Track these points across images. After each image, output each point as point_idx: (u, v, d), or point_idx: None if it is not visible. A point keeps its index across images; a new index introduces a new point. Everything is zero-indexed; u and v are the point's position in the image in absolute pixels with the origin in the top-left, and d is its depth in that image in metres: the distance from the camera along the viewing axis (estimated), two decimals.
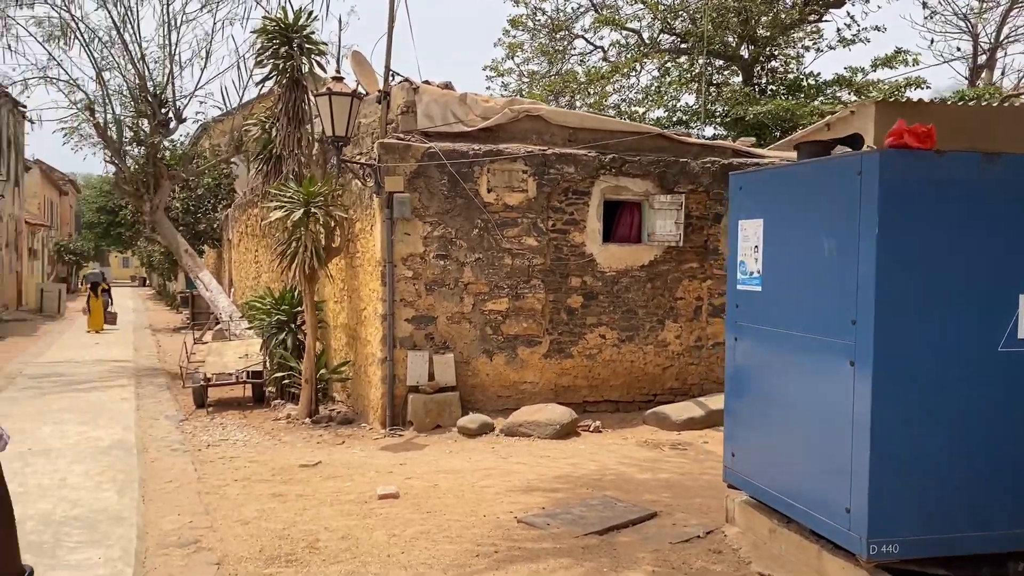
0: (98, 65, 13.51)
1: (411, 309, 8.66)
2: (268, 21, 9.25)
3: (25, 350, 16.75)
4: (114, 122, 13.81)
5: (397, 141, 8.59)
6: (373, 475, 6.88)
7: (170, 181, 14.09)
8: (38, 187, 35.52)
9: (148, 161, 13.68)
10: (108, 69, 13.61)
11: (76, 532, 5.28)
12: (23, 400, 10.67)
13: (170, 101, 13.84)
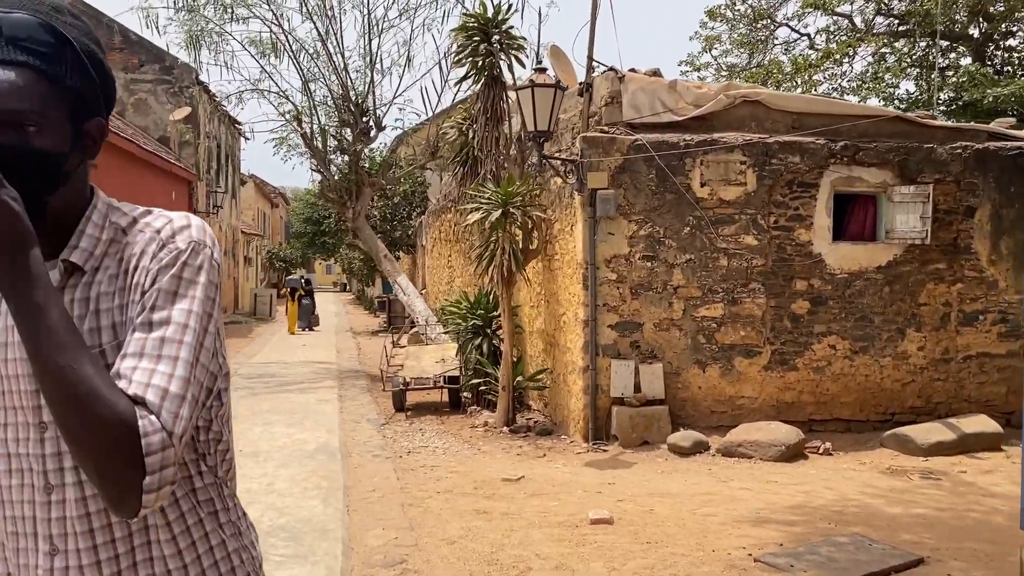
0: (304, 76, 13.95)
1: (615, 315, 8.06)
2: (468, 17, 8.98)
3: (240, 351, 17.70)
4: (319, 131, 14.22)
5: (601, 134, 8.03)
6: (581, 494, 6.34)
7: (371, 188, 14.30)
8: (252, 199, 38.20)
9: (351, 169, 13.95)
10: (314, 80, 14.03)
11: (282, 545, 5.08)
12: (236, 400, 11.03)
13: (371, 109, 14.06)
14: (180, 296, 1.21)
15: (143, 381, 1.12)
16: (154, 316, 1.18)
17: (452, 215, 15.33)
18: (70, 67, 1.19)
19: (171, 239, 1.24)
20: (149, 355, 1.15)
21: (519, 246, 8.62)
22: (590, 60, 8.34)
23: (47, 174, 1.19)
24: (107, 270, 1.25)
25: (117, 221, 1.29)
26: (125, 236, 1.27)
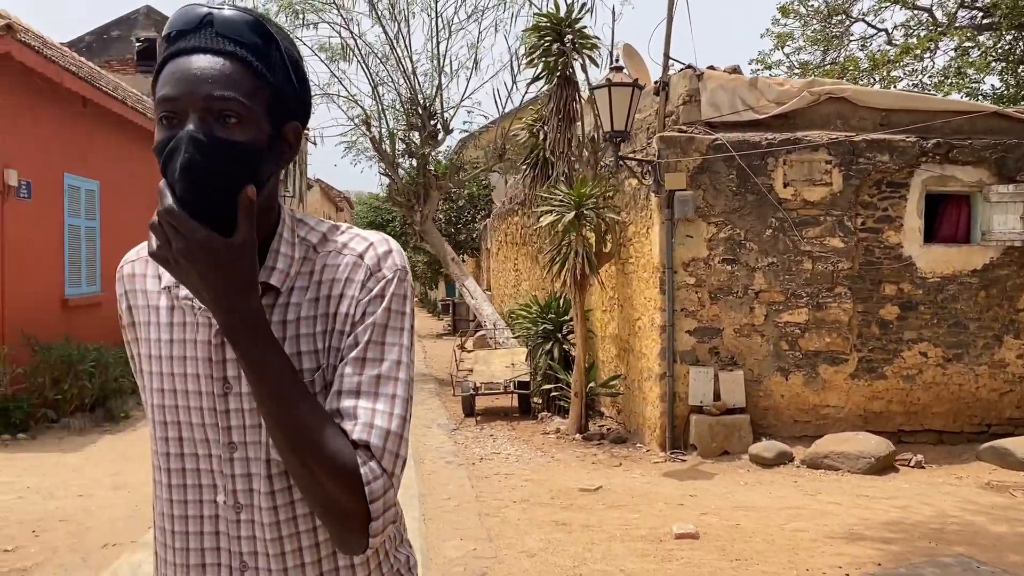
0: (373, 80, 13.98)
1: (693, 320, 7.81)
2: (540, 17, 8.83)
3: None
4: (388, 135, 14.24)
5: (678, 134, 7.80)
6: (662, 506, 6.12)
7: (438, 191, 14.27)
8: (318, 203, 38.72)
9: (419, 172, 13.93)
10: (382, 84, 14.05)
11: None
12: None
13: (438, 112, 14.02)
14: (392, 330, 1.19)
15: (365, 422, 1.12)
16: (369, 353, 1.16)
17: (519, 218, 15.21)
18: (274, 65, 1.16)
19: (378, 268, 1.20)
20: (367, 393, 1.14)
21: (592, 249, 8.43)
22: (666, 58, 8.12)
23: (246, 171, 1.12)
24: (303, 291, 1.21)
25: (307, 237, 1.24)
26: (316, 253, 1.23)
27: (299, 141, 1.23)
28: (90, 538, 5.30)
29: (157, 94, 1.13)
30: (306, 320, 1.19)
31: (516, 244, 16.02)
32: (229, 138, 1.10)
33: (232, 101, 1.10)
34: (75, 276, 10.23)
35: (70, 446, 8.11)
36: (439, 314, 31.63)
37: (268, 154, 1.16)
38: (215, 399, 1.20)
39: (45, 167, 9.43)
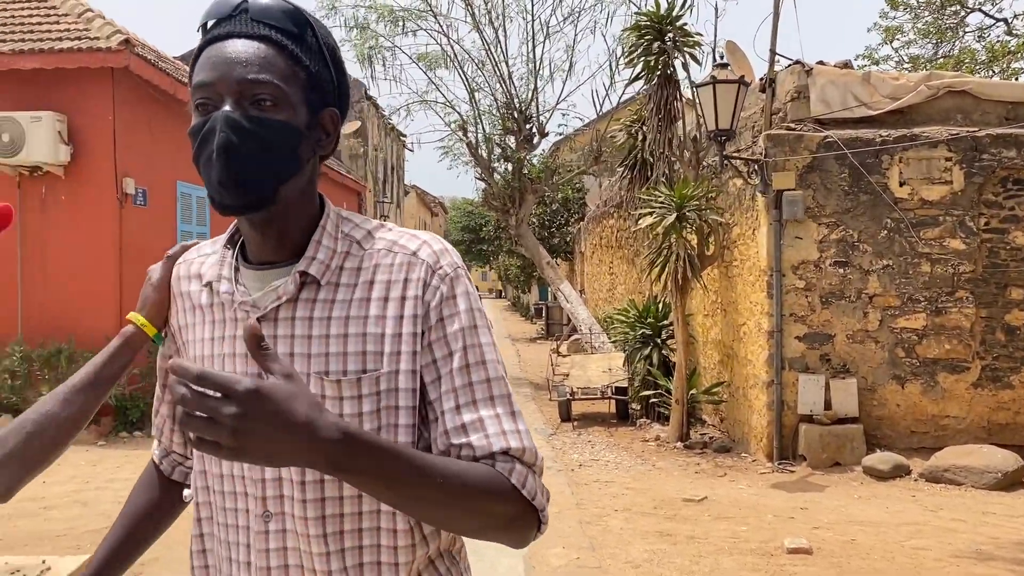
0: (470, 86, 14.06)
1: (802, 325, 7.51)
2: (640, 16, 8.68)
3: None
4: (484, 140, 14.29)
5: (786, 132, 7.52)
6: (771, 519, 5.89)
7: (533, 195, 14.24)
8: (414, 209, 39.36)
9: (514, 176, 13.93)
10: (479, 89, 14.12)
11: None
12: None
13: (534, 116, 14.00)
14: (480, 329, 1.15)
15: (496, 431, 1.09)
16: (469, 358, 1.12)
17: (615, 220, 15.03)
18: (310, 50, 1.14)
19: (438, 265, 1.15)
20: (483, 401, 1.10)
21: (694, 252, 8.22)
22: (773, 54, 7.85)
23: (283, 152, 1.10)
24: (349, 289, 1.14)
25: (351, 233, 1.19)
26: (362, 250, 1.17)
27: (337, 129, 1.19)
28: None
29: (193, 80, 1.12)
30: (355, 320, 1.12)
31: (611, 247, 15.84)
32: (264, 116, 1.08)
33: (267, 84, 1.08)
34: None
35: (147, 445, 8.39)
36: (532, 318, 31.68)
37: (305, 139, 1.13)
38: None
39: (159, 175, 9.82)
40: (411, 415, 1.12)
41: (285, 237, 1.17)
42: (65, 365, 8.15)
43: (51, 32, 8.79)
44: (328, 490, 1.10)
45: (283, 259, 1.17)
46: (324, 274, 1.14)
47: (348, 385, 1.10)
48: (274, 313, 1.14)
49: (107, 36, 8.55)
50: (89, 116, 8.67)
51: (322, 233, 1.16)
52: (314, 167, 1.18)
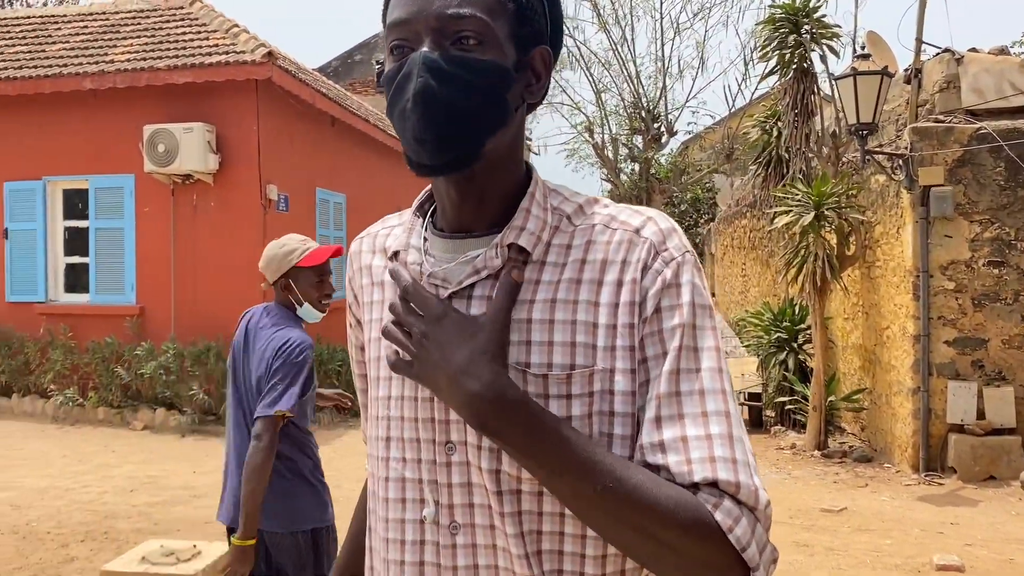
0: (596, 87, 14.02)
1: (952, 329, 7.05)
2: (775, 9, 8.39)
3: None
4: (610, 141, 14.21)
5: (934, 124, 7.08)
6: (917, 533, 5.55)
7: (660, 195, 14.03)
8: None
9: (641, 176, 13.78)
10: (605, 90, 14.05)
11: None
12: None
13: (662, 115, 13.80)
14: (701, 330, 0.93)
15: (702, 456, 0.88)
16: (682, 363, 0.92)
17: (747, 220, 14.61)
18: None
19: (664, 247, 0.96)
20: (693, 416, 0.90)
21: (833, 252, 7.87)
22: (919, 42, 7.42)
23: (490, 99, 0.94)
24: (558, 269, 0.97)
25: (560, 206, 1.02)
26: (572, 225, 1.00)
27: (549, 71, 1.03)
28: (339, 527, 5.64)
29: (387, 21, 0.98)
30: (563, 305, 0.95)
31: (744, 248, 15.40)
32: (469, 57, 0.93)
33: (471, 19, 0.93)
34: None
35: (320, 439, 8.72)
36: None
37: (515, 83, 0.97)
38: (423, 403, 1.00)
39: (299, 182, 10.28)
40: (629, 424, 0.94)
41: (486, 202, 1.00)
42: (214, 362, 8.64)
43: (201, 48, 9.36)
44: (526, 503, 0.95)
45: (481, 229, 1.01)
46: (535, 247, 0.98)
47: (555, 382, 0.94)
48: (469, 290, 0.98)
49: (252, 50, 9.03)
50: (235, 126, 9.18)
51: (531, 201, 1.00)
52: (522, 117, 1.02)
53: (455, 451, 0.98)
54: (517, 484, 0.95)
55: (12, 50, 10.10)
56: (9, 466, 7.12)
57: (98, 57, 9.51)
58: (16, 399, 9.44)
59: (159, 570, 4.13)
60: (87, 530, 5.38)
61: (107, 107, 9.45)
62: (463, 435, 0.97)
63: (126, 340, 9.18)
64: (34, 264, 9.70)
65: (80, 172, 9.56)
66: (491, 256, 0.97)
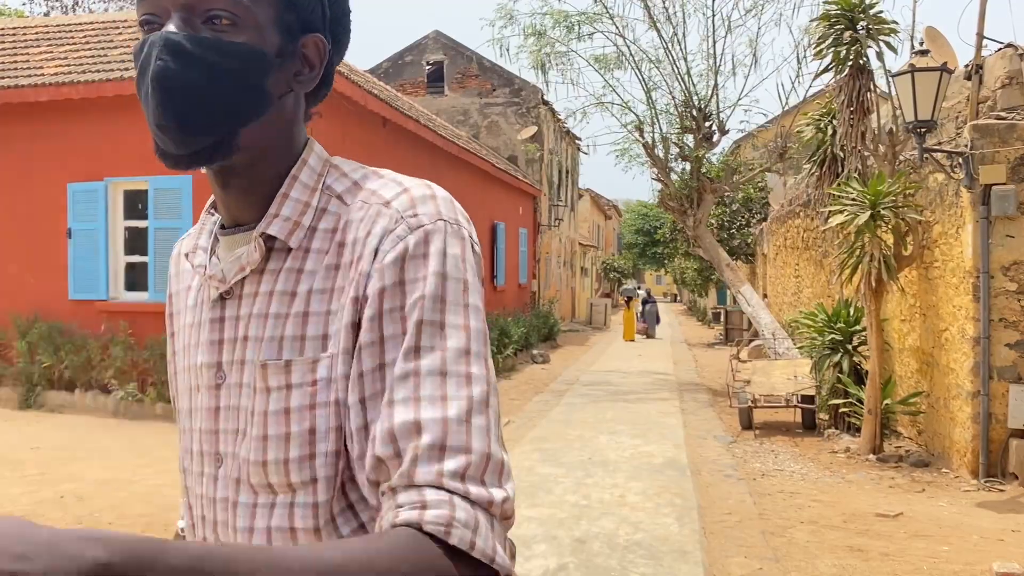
0: (647, 86, 13.92)
1: (1014, 331, 6.85)
2: (830, 5, 8.26)
3: (579, 358, 18.19)
4: (661, 140, 14.10)
5: (996, 121, 6.90)
6: (976, 540, 5.42)
7: (712, 195, 13.88)
8: (588, 212, 39.46)
9: (692, 176, 13.65)
10: (656, 88, 13.95)
11: (641, 563, 4.90)
12: (581, 406, 11.25)
13: (713, 113, 13.65)
14: (451, 305, 0.82)
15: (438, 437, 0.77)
16: (423, 339, 0.81)
17: (801, 220, 14.37)
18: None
19: (412, 213, 0.85)
20: (432, 399, 0.78)
21: (890, 252, 7.71)
22: (980, 37, 7.23)
23: (242, 84, 0.86)
24: (320, 256, 0.89)
25: (332, 184, 0.93)
26: (345, 205, 0.91)
27: (323, 60, 0.95)
28: None
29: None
30: (318, 295, 0.87)
31: (797, 248, 15.16)
32: (218, 38, 0.85)
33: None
34: None
35: None
36: (709, 322, 30.91)
37: (276, 69, 0.90)
38: (211, 392, 0.93)
39: None
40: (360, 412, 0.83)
41: (254, 192, 0.93)
42: None
43: None
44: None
45: (251, 221, 0.94)
46: (292, 235, 0.90)
47: (276, 369, 0.87)
48: (239, 288, 0.92)
49: None
50: None
51: (292, 185, 0.92)
52: (295, 105, 0.95)
53: (222, 464, 0.93)
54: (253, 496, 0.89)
55: (76, 55, 10.41)
56: (73, 459, 7.35)
57: None
58: (79, 394, 9.74)
59: None
60: (147, 521, 5.53)
61: None
62: (230, 445, 0.92)
63: None
64: (96, 263, 9.99)
65: (140, 173, 9.82)
66: (251, 250, 0.91)
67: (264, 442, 0.86)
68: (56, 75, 9.88)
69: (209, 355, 0.93)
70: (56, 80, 9.73)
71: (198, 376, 0.95)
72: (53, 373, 9.80)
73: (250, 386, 0.89)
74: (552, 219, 26.24)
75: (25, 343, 9.80)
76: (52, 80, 9.75)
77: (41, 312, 10.00)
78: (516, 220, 21.12)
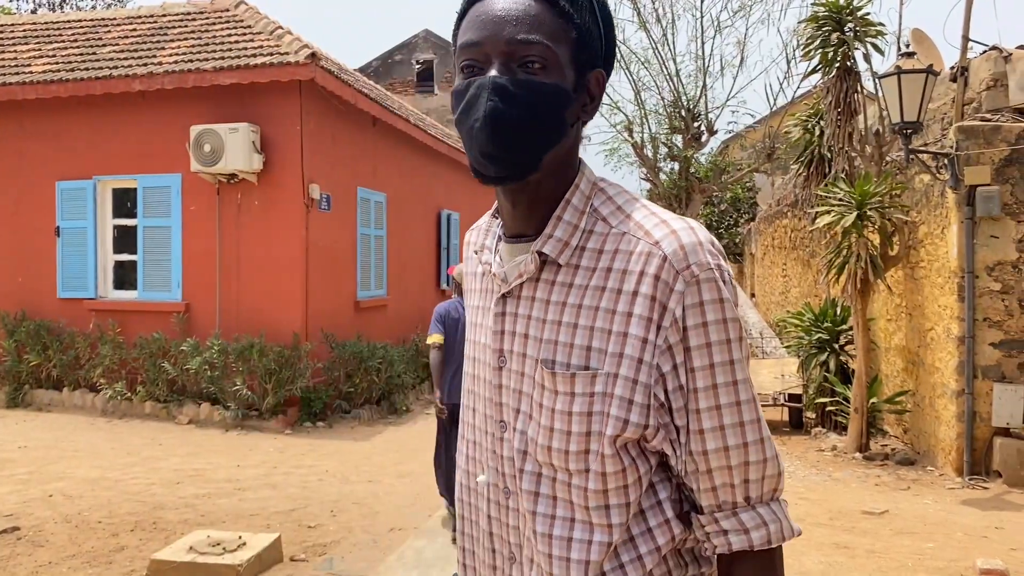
0: (636, 86, 13.98)
1: (998, 331, 6.93)
2: (818, 6, 8.32)
3: None
4: (650, 140, 14.16)
5: (981, 123, 6.97)
6: (960, 537, 5.48)
7: (700, 195, 13.96)
8: None
9: (681, 176, 13.72)
10: (645, 89, 14.01)
11: None
12: None
13: (702, 114, 13.72)
14: (732, 364, 1.05)
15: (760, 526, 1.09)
16: (725, 394, 1.04)
17: (788, 220, 14.46)
18: (579, 6, 1.07)
19: (685, 264, 1.01)
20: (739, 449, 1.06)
21: (876, 252, 7.78)
22: (965, 40, 7.31)
23: (551, 119, 1.04)
24: (587, 274, 1.06)
25: (599, 208, 1.09)
26: (608, 227, 1.07)
27: (602, 92, 1.13)
28: (379, 521, 5.73)
29: (459, 41, 1.08)
30: (587, 311, 1.04)
31: (784, 248, 15.25)
32: (534, 80, 1.02)
33: (536, 45, 1.01)
34: (366, 280, 11.19)
35: (360, 435, 8.86)
36: None
37: (573, 103, 1.06)
38: (494, 372, 1.13)
39: (341, 181, 10.41)
40: (619, 426, 1.03)
41: (535, 209, 1.10)
42: (257, 358, 8.81)
43: (246, 49, 9.53)
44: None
45: (532, 233, 1.11)
46: (562, 253, 1.07)
47: (564, 378, 1.04)
48: (518, 290, 1.11)
49: (295, 51, 9.17)
50: (279, 127, 9.34)
51: (565, 208, 1.09)
52: (577, 133, 1.12)
53: (506, 429, 1.13)
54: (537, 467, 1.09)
55: (64, 52, 10.38)
56: (62, 457, 7.34)
57: (147, 59, 9.74)
58: (67, 393, 9.71)
59: (206, 559, 4.24)
60: (136, 520, 5.53)
61: (155, 108, 9.68)
62: (512, 417, 1.12)
63: (172, 336, 9.40)
64: (84, 261, 9.97)
65: (129, 172, 9.80)
66: (527, 262, 1.09)
67: (550, 433, 1.06)
68: (44, 73, 9.85)
69: (493, 341, 1.13)
70: (44, 78, 9.69)
71: (483, 352, 1.17)
72: (41, 371, 9.78)
73: (531, 378, 1.09)
74: None
75: (13, 341, 9.77)
76: (40, 78, 9.72)
77: (29, 310, 9.98)
78: None
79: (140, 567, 4.61)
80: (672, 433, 1.05)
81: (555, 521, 1.07)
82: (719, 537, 1.06)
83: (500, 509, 1.14)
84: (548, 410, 1.06)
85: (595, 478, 1.04)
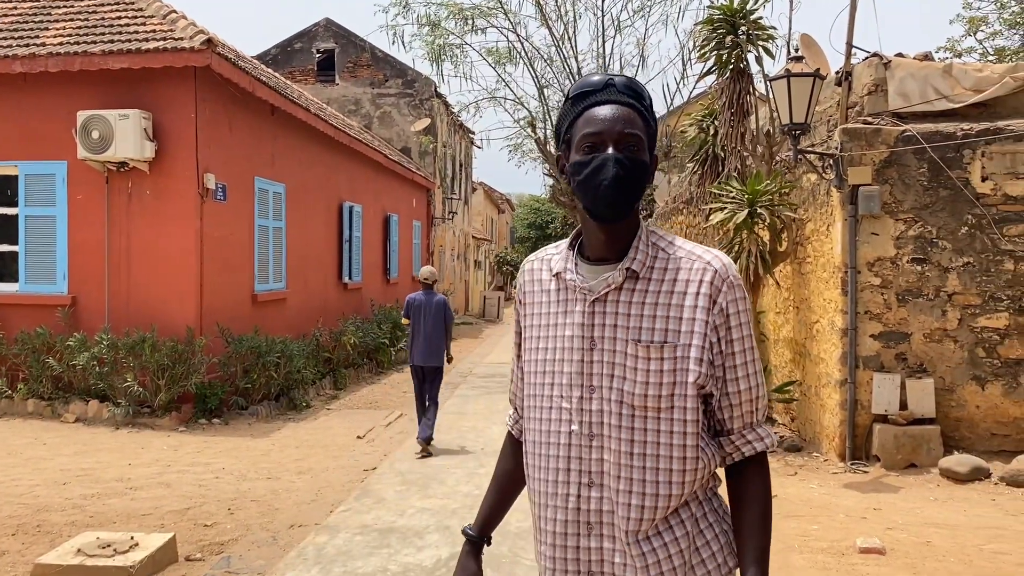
0: (539, 83, 14.11)
1: (878, 323, 7.34)
2: (713, 10, 8.59)
3: (473, 351, 18.28)
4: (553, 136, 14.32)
5: (863, 125, 7.36)
6: (843, 519, 5.79)
7: None
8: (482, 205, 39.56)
9: None
10: (548, 86, 14.15)
11: (531, 549, 5.02)
12: (474, 397, 11.34)
13: None
14: (751, 337, 1.64)
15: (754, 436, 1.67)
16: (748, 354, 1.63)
17: (684, 217, 14.88)
18: (650, 113, 1.64)
19: (727, 274, 1.60)
20: (756, 388, 1.66)
21: (766, 248, 8.11)
22: (849, 46, 7.69)
23: (641, 181, 1.59)
24: (659, 283, 1.61)
25: (656, 242, 1.65)
26: (666, 254, 1.63)
27: (656, 166, 1.67)
28: (279, 518, 5.63)
29: (579, 132, 1.59)
30: (662, 306, 1.59)
31: None
32: (635, 157, 1.57)
33: (635, 136, 1.58)
34: (264, 273, 10.94)
35: (258, 432, 8.67)
36: None
37: (649, 172, 1.62)
38: (583, 352, 1.62)
39: (238, 171, 10.14)
40: (696, 378, 1.58)
41: (618, 241, 1.63)
42: (149, 353, 8.50)
43: (138, 33, 9.16)
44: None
45: (612, 257, 1.64)
46: (642, 268, 1.61)
47: (655, 348, 1.58)
48: (604, 296, 1.62)
49: (190, 36, 8.87)
50: (173, 114, 9.02)
51: (639, 240, 1.63)
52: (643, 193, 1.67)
53: (595, 391, 1.62)
54: (632, 409, 1.59)
55: None
56: None
57: (29, 40, 9.24)
58: None
59: (96, 562, 4.09)
60: (18, 523, 5.27)
61: (39, 91, 9.20)
62: (600, 381, 1.61)
63: (58, 331, 8.97)
64: None
65: (9, 158, 9.29)
66: (616, 275, 1.61)
67: (645, 385, 1.58)
68: None
69: (583, 331, 1.62)
70: None
71: (567, 342, 1.64)
72: None
73: (623, 353, 1.59)
74: (446, 212, 26.22)
75: None
76: None
77: None
78: (410, 212, 20.99)
79: (23, 572, 4.39)
80: (717, 381, 1.61)
81: (638, 445, 1.58)
82: (747, 445, 1.63)
83: (582, 450, 1.62)
84: (644, 371, 1.58)
85: (679, 411, 1.58)
